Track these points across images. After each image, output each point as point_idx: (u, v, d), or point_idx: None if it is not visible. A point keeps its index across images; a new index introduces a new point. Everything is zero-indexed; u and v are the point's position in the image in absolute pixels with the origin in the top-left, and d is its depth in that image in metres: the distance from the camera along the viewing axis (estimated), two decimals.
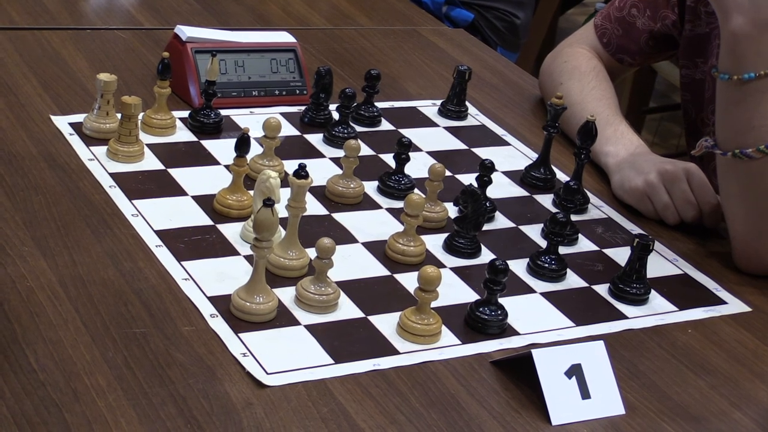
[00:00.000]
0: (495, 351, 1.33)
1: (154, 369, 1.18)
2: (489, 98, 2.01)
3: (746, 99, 1.50)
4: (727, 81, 1.51)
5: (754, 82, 1.49)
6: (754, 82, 1.49)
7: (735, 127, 1.53)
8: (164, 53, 1.64)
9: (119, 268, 1.33)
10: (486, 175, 1.55)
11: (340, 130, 1.73)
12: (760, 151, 1.50)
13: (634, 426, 1.25)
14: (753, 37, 1.48)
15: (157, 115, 1.64)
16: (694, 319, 1.47)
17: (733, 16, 1.48)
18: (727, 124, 1.54)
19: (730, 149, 1.53)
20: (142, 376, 1.17)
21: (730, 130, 1.54)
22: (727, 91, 1.53)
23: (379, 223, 1.54)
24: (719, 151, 1.55)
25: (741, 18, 1.47)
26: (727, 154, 1.53)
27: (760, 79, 1.49)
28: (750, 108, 1.50)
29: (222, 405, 1.15)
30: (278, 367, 1.22)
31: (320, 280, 1.33)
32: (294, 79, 1.83)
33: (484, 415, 1.22)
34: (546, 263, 1.49)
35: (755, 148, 1.51)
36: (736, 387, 1.35)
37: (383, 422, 1.18)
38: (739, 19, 1.48)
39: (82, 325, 1.22)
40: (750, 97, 1.50)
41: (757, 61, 1.49)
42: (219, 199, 1.49)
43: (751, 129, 1.51)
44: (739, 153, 1.52)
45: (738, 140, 1.52)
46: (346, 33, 2.16)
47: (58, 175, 1.49)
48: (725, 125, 1.55)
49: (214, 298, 1.31)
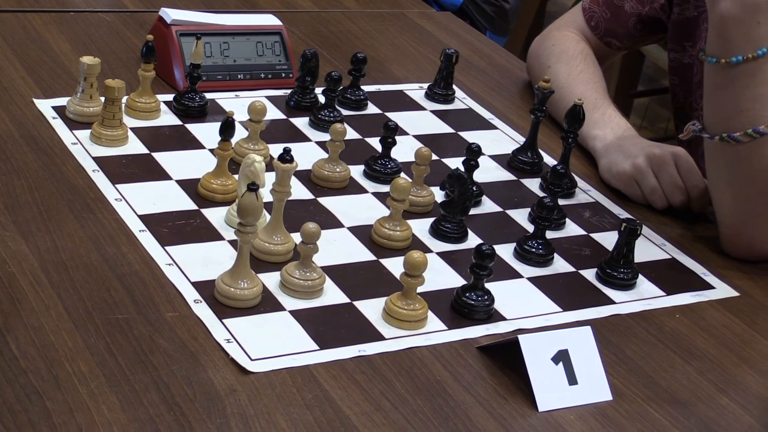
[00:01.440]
0: (482, 336, 1.32)
1: (136, 355, 1.17)
2: (476, 82, 2.00)
3: (734, 83, 1.49)
4: (715, 64, 1.50)
5: (741, 66, 1.48)
6: (742, 65, 1.48)
7: (723, 111, 1.52)
8: (148, 36, 1.62)
9: (102, 253, 1.32)
10: (473, 159, 1.54)
11: (326, 114, 1.71)
12: (747, 135, 1.50)
13: (621, 412, 1.24)
14: (741, 20, 1.47)
15: (141, 99, 1.63)
16: (681, 304, 1.46)
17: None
18: (714, 108, 1.53)
19: (717, 133, 1.52)
20: (124, 363, 1.15)
21: (718, 114, 1.53)
22: (715, 75, 1.52)
23: (366, 208, 1.53)
24: (707, 135, 1.54)
25: (729, 1, 1.46)
26: (715, 138, 1.53)
27: (748, 63, 1.48)
28: (738, 92, 1.50)
29: (205, 391, 1.14)
30: (262, 353, 1.21)
31: (305, 265, 1.32)
32: (280, 62, 1.82)
33: (470, 401, 1.21)
34: (533, 248, 1.48)
35: (743, 132, 1.50)
36: (724, 372, 1.34)
37: (368, 408, 1.17)
38: (727, 2, 1.47)
39: (64, 311, 1.21)
40: (738, 81, 1.49)
41: (744, 44, 1.48)
42: (203, 183, 1.47)
43: (739, 113, 1.50)
44: (726, 137, 1.51)
45: (726, 124, 1.52)
46: (333, 16, 2.15)
47: (40, 158, 1.48)
48: (713, 109, 1.54)
49: (198, 284, 1.30)
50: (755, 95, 1.49)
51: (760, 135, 1.49)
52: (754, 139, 1.50)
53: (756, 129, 1.49)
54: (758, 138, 1.49)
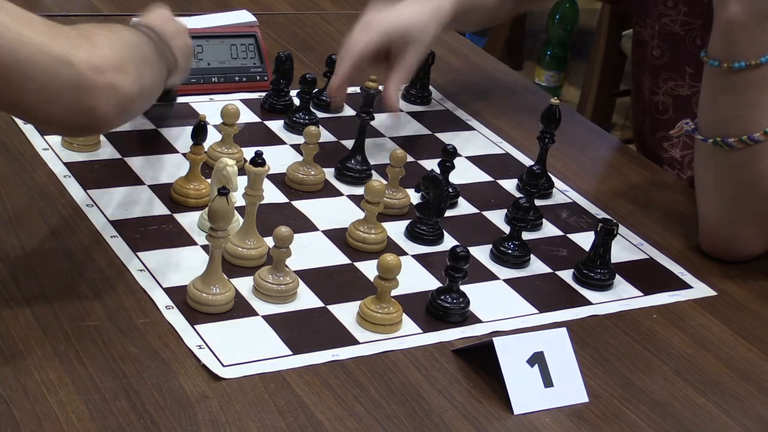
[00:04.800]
0: (457, 339, 1.31)
1: (107, 363, 1.16)
2: (453, 82, 1.99)
3: (734, 88, 1.48)
4: (717, 68, 1.49)
5: (743, 72, 1.47)
6: (744, 71, 1.47)
7: (719, 115, 1.51)
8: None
9: (72, 259, 1.30)
10: (448, 160, 1.53)
11: (300, 117, 1.70)
12: (742, 141, 1.49)
13: (597, 414, 1.23)
14: (748, 26, 1.45)
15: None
16: (659, 304, 1.45)
17: (730, 3, 1.45)
18: (711, 111, 1.52)
19: (711, 136, 1.51)
20: (94, 371, 1.14)
21: (714, 117, 1.52)
22: (716, 78, 1.50)
23: (341, 211, 1.52)
24: (700, 137, 1.53)
25: (738, 6, 1.45)
26: (708, 141, 1.51)
27: (750, 70, 1.47)
28: (737, 97, 1.48)
29: (176, 398, 1.13)
30: (235, 359, 1.20)
31: (278, 269, 1.31)
32: (254, 65, 1.80)
33: (445, 405, 1.20)
34: (509, 249, 1.47)
35: (737, 138, 1.49)
36: (701, 372, 1.34)
37: (342, 414, 1.15)
38: (736, 7, 1.45)
39: (33, 319, 1.20)
40: (738, 86, 1.48)
41: (749, 50, 1.46)
42: (176, 187, 1.46)
43: (735, 118, 1.49)
44: (720, 141, 1.50)
45: (721, 128, 1.50)
46: (309, 18, 2.13)
47: (11, 165, 1.46)
48: (709, 112, 1.53)
49: (170, 290, 1.29)
50: (754, 102, 1.48)
51: (754, 142, 1.48)
52: (748, 146, 1.49)
53: (751, 136, 1.48)
54: (752, 145, 1.48)
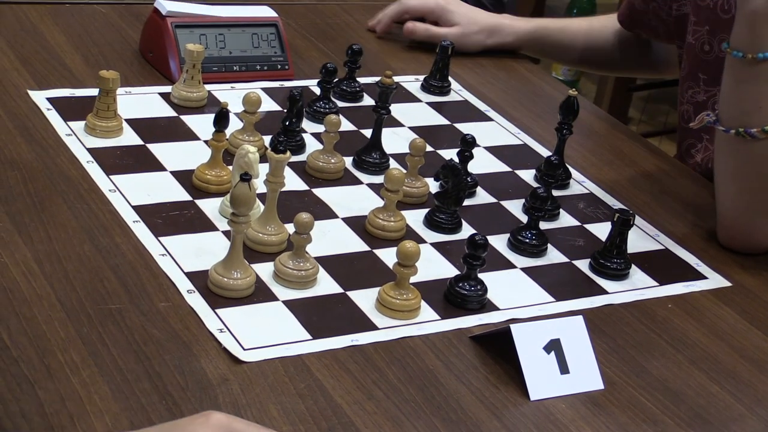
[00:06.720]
0: (474, 326, 1.32)
1: (129, 345, 1.17)
2: (472, 74, 2.00)
3: (757, 78, 1.49)
4: (741, 59, 1.49)
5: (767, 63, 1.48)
6: None
7: (742, 106, 1.52)
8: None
9: (95, 243, 1.32)
10: (467, 150, 1.54)
11: (321, 105, 1.71)
12: (765, 132, 1.49)
13: (612, 401, 1.25)
14: None
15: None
16: (674, 294, 1.46)
17: None
18: (733, 102, 1.53)
19: (733, 127, 1.52)
20: (117, 353, 1.16)
21: (737, 108, 1.52)
22: (739, 69, 1.51)
23: (360, 199, 1.53)
24: (721, 128, 1.54)
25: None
26: (730, 132, 1.52)
27: None
28: (760, 88, 1.49)
29: (197, 381, 1.14)
30: (255, 343, 1.21)
31: (299, 255, 1.32)
32: (275, 54, 1.82)
33: (463, 391, 1.21)
34: (527, 238, 1.49)
35: (760, 129, 1.49)
36: (715, 361, 1.35)
37: (360, 398, 1.17)
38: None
39: (57, 301, 1.21)
40: (761, 77, 1.49)
41: None
42: (198, 174, 1.48)
43: (758, 109, 1.50)
44: (743, 132, 1.51)
45: (743, 119, 1.51)
46: (329, 8, 2.15)
47: (34, 150, 1.48)
48: (732, 102, 1.53)
49: (192, 274, 1.30)
50: None
51: None
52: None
53: None
54: None
